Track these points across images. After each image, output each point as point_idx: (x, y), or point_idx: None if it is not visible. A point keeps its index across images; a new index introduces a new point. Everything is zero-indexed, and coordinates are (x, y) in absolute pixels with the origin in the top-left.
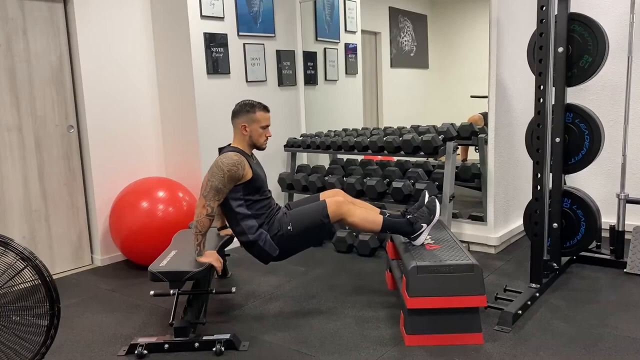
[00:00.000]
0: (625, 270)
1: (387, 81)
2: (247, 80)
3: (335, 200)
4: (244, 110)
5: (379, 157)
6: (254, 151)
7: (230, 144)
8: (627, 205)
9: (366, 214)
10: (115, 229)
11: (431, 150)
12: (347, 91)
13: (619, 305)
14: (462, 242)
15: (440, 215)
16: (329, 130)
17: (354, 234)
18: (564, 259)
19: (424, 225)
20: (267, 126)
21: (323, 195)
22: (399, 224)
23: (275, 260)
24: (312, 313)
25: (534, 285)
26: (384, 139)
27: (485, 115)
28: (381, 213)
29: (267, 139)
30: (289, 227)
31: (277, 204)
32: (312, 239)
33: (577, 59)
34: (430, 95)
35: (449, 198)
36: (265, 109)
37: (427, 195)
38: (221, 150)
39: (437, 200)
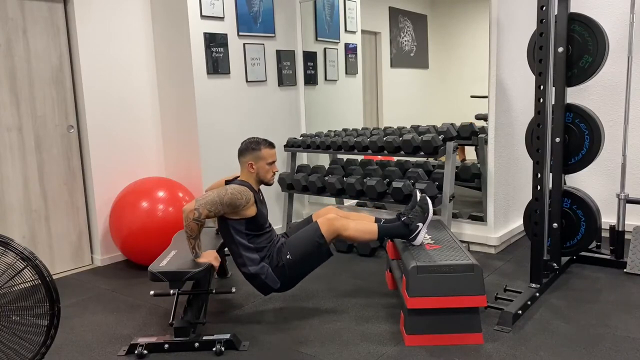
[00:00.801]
0: (625, 270)
1: (387, 81)
2: (247, 80)
3: (326, 218)
4: (250, 148)
5: (379, 157)
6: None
7: (237, 177)
8: (627, 205)
9: (361, 226)
10: (115, 229)
11: (431, 150)
12: (347, 91)
13: (619, 305)
14: (462, 242)
15: (435, 212)
16: (329, 130)
17: None
18: (564, 259)
19: (420, 224)
20: (274, 162)
21: (316, 216)
22: (395, 228)
23: (277, 292)
24: (312, 313)
25: (534, 285)
26: (384, 139)
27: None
28: (376, 220)
29: (274, 174)
30: (287, 256)
31: (277, 236)
32: (312, 263)
33: (577, 59)
34: (430, 95)
35: (449, 198)
36: (271, 145)
37: (418, 194)
38: (228, 182)
39: (428, 198)
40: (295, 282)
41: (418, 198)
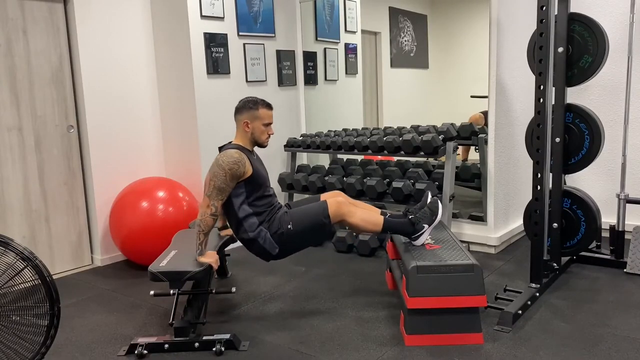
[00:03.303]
0: (625, 270)
1: (387, 81)
2: (247, 80)
3: (336, 200)
4: (247, 107)
5: (379, 157)
6: (256, 148)
7: (231, 142)
8: (627, 205)
9: (367, 215)
10: (115, 229)
11: (431, 150)
12: (347, 91)
13: (619, 305)
14: (462, 242)
15: (441, 216)
16: (329, 130)
17: (354, 234)
18: (564, 259)
19: (426, 225)
20: (270, 124)
21: (324, 196)
22: (400, 224)
23: (276, 259)
24: (312, 313)
25: (534, 285)
26: (384, 139)
27: (486, 114)
28: (382, 213)
29: (269, 136)
30: (289, 226)
31: (278, 203)
32: (312, 239)
33: (577, 59)
34: (430, 95)
35: (449, 198)
36: (269, 106)
37: (429, 196)
38: (221, 148)
39: (439, 202)
40: (292, 252)
41: (429, 199)
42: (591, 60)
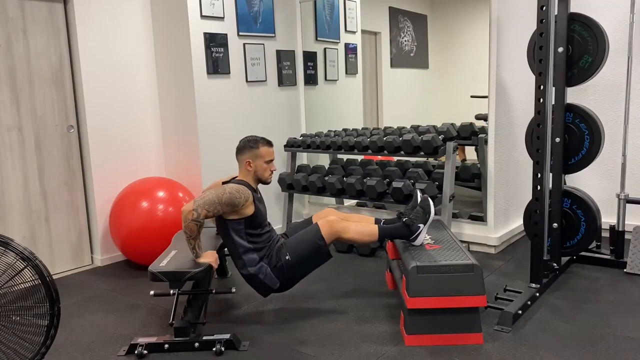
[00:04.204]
0: (625, 270)
1: (387, 81)
2: (247, 80)
3: (326, 220)
4: (248, 146)
5: (379, 157)
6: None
7: (235, 177)
8: (627, 205)
9: (361, 228)
10: (115, 229)
11: (431, 150)
12: (347, 91)
13: (619, 305)
14: (462, 242)
15: (435, 212)
16: (329, 130)
17: None
18: (564, 259)
19: (421, 225)
20: (272, 160)
21: (316, 217)
22: (396, 229)
23: (276, 292)
24: (312, 313)
25: (534, 285)
26: (384, 139)
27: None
28: (376, 221)
29: (272, 173)
30: (287, 257)
31: (277, 236)
32: (311, 265)
33: (577, 59)
34: (430, 95)
35: (449, 198)
36: (269, 143)
37: (419, 195)
38: (225, 183)
39: (430, 199)
40: (294, 283)
41: (419, 199)
42: (591, 60)
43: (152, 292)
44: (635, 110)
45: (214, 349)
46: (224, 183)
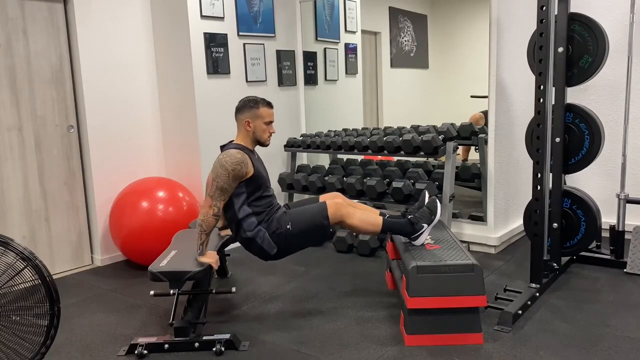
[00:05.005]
0: (625, 270)
1: (387, 81)
2: (247, 80)
3: (335, 202)
4: (248, 106)
5: (379, 157)
6: (257, 148)
7: (232, 141)
8: (627, 205)
9: (366, 216)
10: (115, 229)
11: (431, 150)
12: (347, 91)
13: (619, 305)
14: (462, 242)
15: (440, 215)
16: (329, 130)
17: (354, 234)
18: (564, 259)
19: (425, 225)
20: (271, 122)
21: (323, 198)
22: (400, 225)
23: (274, 259)
24: (312, 313)
25: (534, 285)
26: (384, 139)
27: (486, 113)
28: (381, 214)
29: (271, 135)
30: (288, 226)
31: (278, 203)
32: (310, 240)
33: (577, 59)
34: (430, 95)
35: (449, 198)
36: (269, 104)
37: (427, 195)
38: (223, 147)
39: (437, 201)
40: (290, 252)
41: (427, 199)
42: (591, 60)
43: (152, 292)
44: (635, 110)
45: (214, 349)
46: (221, 147)
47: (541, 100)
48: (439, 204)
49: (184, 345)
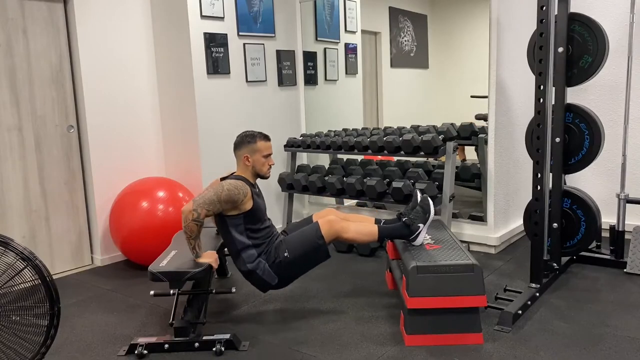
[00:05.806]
0: (625, 270)
1: (387, 81)
2: (247, 80)
3: (327, 219)
4: (245, 141)
5: (379, 157)
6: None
7: (233, 173)
8: (627, 205)
9: (361, 228)
10: (115, 229)
11: (431, 150)
12: (347, 91)
13: (619, 305)
14: (462, 242)
15: (435, 212)
16: (329, 130)
17: None
18: (564, 259)
19: (421, 225)
20: (269, 155)
21: (316, 217)
22: (396, 229)
23: (275, 289)
24: (312, 313)
25: (534, 285)
26: (384, 139)
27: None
28: (376, 221)
29: (270, 167)
30: (285, 254)
31: (277, 232)
32: (310, 262)
33: (577, 59)
34: (430, 95)
35: (449, 198)
36: (266, 138)
37: (419, 195)
38: (223, 179)
39: (429, 199)
40: (291, 280)
41: (419, 198)
42: (591, 60)
43: (152, 292)
44: (635, 110)
45: (214, 349)
46: (222, 179)
47: (541, 100)
48: (431, 201)
49: (184, 345)
